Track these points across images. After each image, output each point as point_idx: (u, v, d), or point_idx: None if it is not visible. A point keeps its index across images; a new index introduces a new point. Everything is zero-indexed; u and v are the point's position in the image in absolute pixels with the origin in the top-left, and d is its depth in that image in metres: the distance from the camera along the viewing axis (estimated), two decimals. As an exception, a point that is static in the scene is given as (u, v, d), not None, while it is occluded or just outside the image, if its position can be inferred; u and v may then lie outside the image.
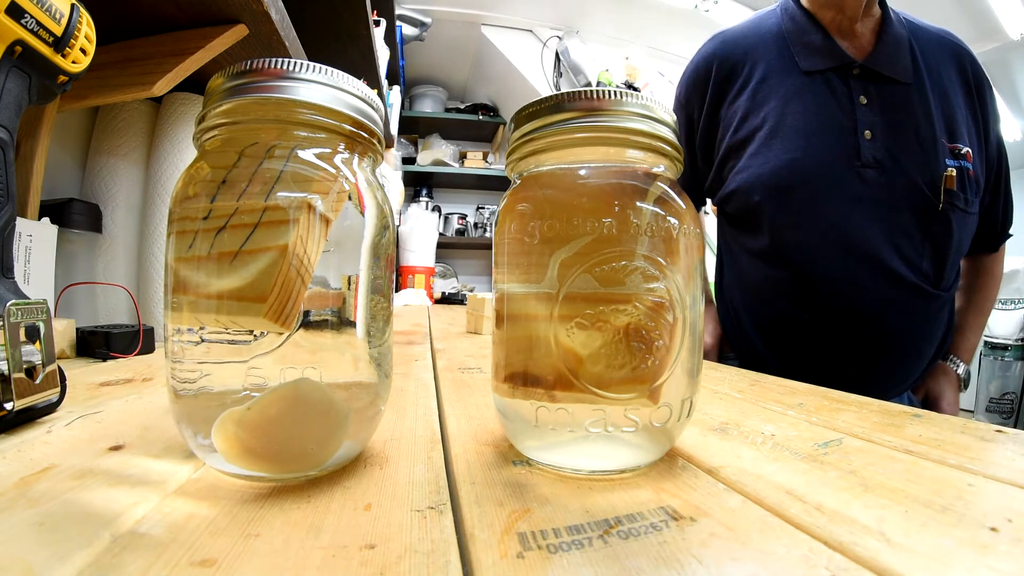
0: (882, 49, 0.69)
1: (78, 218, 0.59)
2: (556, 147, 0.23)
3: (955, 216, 0.66)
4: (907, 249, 0.66)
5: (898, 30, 0.70)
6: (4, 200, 0.27)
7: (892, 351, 0.69)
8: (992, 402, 2.55)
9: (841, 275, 0.67)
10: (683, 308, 0.22)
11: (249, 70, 0.20)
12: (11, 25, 0.26)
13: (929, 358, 0.75)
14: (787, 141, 0.69)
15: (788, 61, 0.72)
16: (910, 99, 0.68)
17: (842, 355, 0.68)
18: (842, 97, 0.68)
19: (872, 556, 0.15)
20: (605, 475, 0.21)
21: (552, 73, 2.42)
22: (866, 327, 0.67)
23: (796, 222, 0.68)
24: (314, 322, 0.21)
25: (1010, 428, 0.29)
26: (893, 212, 0.66)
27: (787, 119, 0.69)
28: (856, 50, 0.70)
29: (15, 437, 0.24)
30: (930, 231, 0.66)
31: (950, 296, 0.73)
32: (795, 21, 0.73)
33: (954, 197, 0.66)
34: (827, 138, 0.67)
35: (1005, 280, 2.95)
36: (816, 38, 0.71)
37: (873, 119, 0.67)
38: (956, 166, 0.66)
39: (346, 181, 0.21)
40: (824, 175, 0.67)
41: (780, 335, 0.73)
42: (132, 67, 0.54)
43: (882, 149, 0.66)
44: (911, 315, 0.67)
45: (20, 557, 0.14)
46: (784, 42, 0.73)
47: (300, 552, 0.15)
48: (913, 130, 0.67)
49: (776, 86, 0.72)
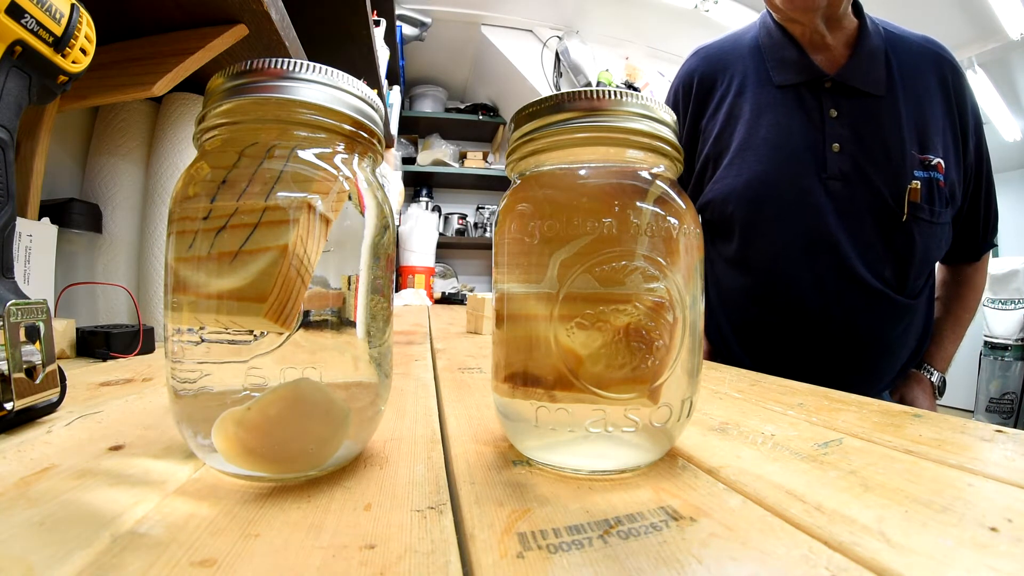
0: (855, 62, 0.70)
1: (78, 218, 0.59)
2: (556, 147, 0.23)
3: (919, 227, 0.68)
4: (871, 257, 0.68)
5: (873, 42, 0.71)
6: (4, 200, 0.27)
7: (860, 355, 0.71)
8: (992, 402, 2.55)
9: (806, 281, 0.69)
10: (683, 308, 0.22)
11: (249, 70, 0.20)
12: (11, 25, 0.26)
13: (902, 363, 0.77)
14: (758, 153, 0.71)
15: (764, 75, 0.74)
16: (881, 111, 0.69)
17: (810, 358, 0.71)
18: (812, 111, 0.70)
19: (872, 556, 0.15)
20: (605, 475, 0.21)
21: (552, 73, 2.42)
22: (831, 331, 0.69)
23: (765, 231, 0.71)
24: (314, 322, 0.20)
25: (1010, 428, 0.29)
26: (857, 222, 0.68)
27: (759, 132, 0.72)
28: (829, 63, 0.71)
29: (15, 437, 0.24)
30: (893, 241, 0.68)
31: (920, 303, 0.74)
32: (771, 36, 0.75)
33: (918, 209, 0.67)
34: (795, 151, 0.70)
35: (1005, 280, 2.95)
36: (790, 53, 0.72)
37: (842, 132, 0.69)
38: (925, 177, 0.68)
39: (346, 181, 0.21)
40: (791, 187, 0.69)
41: (752, 337, 0.75)
42: (132, 67, 0.54)
43: (849, 161, 0.68)
44: (877, 320, 0.70)
45: (20, 557, 0.14)
46: (761, 56, 0.75)
47: (300, 552, 0.15)
48: (881, 142, 0.68)
49: (751, 99, 0.74)
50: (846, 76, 0.69)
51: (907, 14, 1.94)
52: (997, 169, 0.81)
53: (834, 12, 0.68)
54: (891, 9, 1.88)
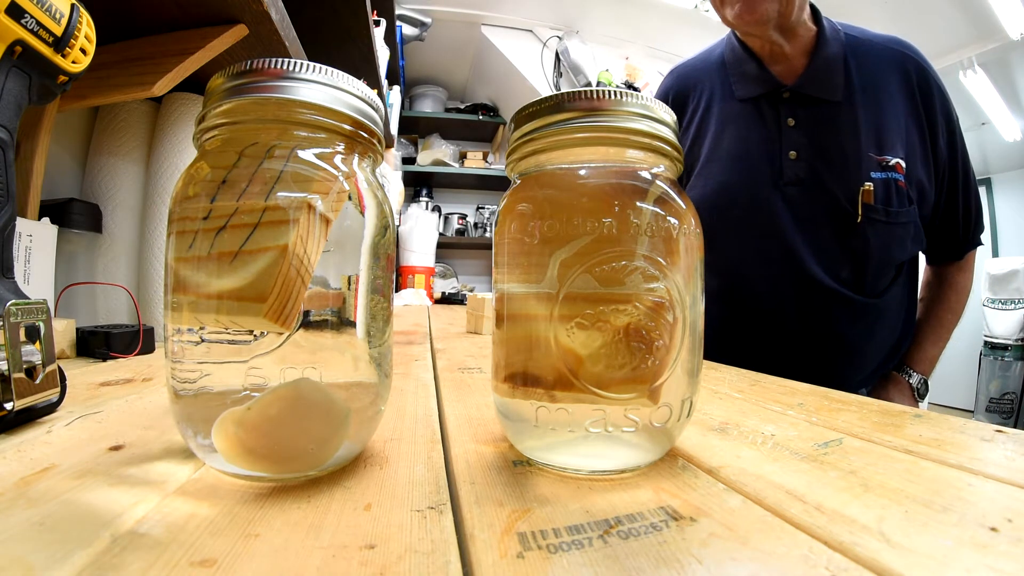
0: (811, 71, 0.72)
1: (78, 218, 0.59)
2: (556, 147, 0.23)
3: (874, 227, 0.69)
4: (827, 258, 0.71)
5: (831, 49, 0.72)
6: (4, 200, 0.27)
7: (822, 354, 0.73)
8: (992, 402, 2.55)
9: (762, 284, 0.73)
10: (683, 308, 0.22)
11: (249, 70, 0.20)
12: (11, 25, 0.26)
13: (876, 363, 0.77)
14: (721, 164, 0.76)
15: (728, 90, 0.78)
16: (838, 117, 0.71)
17: (776, 358, 0.72)
18: (770, 121, 0.74)
19: (872, 556, 0.15)
20: (605, 475, 0.21)
21: (552, 73, 2.41)
22: (789, 330, 0.73)
23: (726, 238, 0.73)
24: (314, 322, 0.20)
25: (1010, 428, 0.29)
26: (813, 225, 0.71)
27: (723, 144, 0.77)
28: (788, 73, 0.74)
29: (15, 437, 0.24)
30: (849, 242, 0.70)
31: (887, 303, 0.74)
32: (734, 51, 0.79)
33: (871, 210, 0.69)
34: (754, 161, 0.74)
35: (1005, 280, 2.94)
36: (750, 67, 0.76)
37: (799, 140, 0.72)
38: (882, 178, 0.69)
39: (346, 181, 0.21)
40: (751, 195, 0.73)
41: (723, 339, 0.77)
42: (132, 67, 0.54)
43: (805, 168, 0.71)
44: (835, 319, 0.72)
45: (20, 557, 0.14)
46: (726, 72, 0.79)
47: (300, 552, 0.15)
48: (837, 147, 0.70)
49: (717, 114, 0.79)
50: (803, 85, 0.72)
51: (907, 14, 1.94)
52: (997, 169, 0.81)
53: (786, 22, 0.70)
54: (892, 9, 1.89)
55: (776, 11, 0.68)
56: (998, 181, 3.01)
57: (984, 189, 3.04)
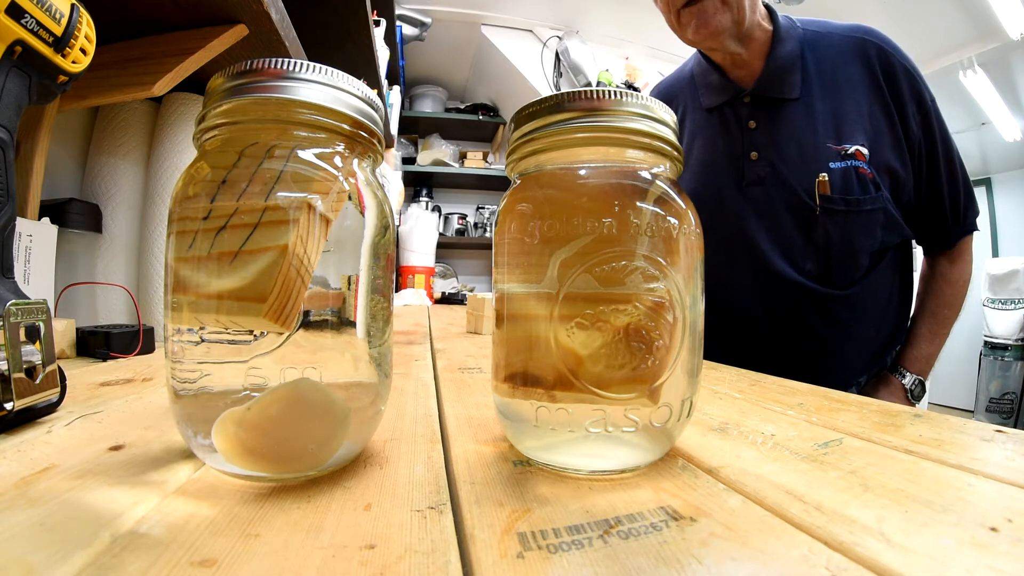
0: (767, 73, 0.73)
1: (78, 218, 0.59)
2: (556, 147, 0.23)
3: (834, 217, 0.70)
4: (791, 253, 0.72)
5: (785, 48, 0.73)
6: (4, 200, 0.27)
7: (800, 352, 0.74)
8: (992, 402, 2.55)
9: (731, 282, 0.75)
10: (683, 308, 0.22)
11: (249, 70, 0.20)
12: (11, 25, 0.26)
13: (863, 362, 0.76)
14: (692, 172, 0.79)
15: (697, 101, 0.82)
16: (796, 113, 0.72)
17: (751, 356, 0.73)
18: (733, 126, 0.76)
19: (872, 556, 0.15)
20: (605, 475, 0.21)
21: (552, 73, 2.41)
22: (759, 327, 0.75)
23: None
24: (314, 322, 0.20)
25: (1010, 428, 0.29)
26: (776, 221, 0.73)
27: (693, 153, 0.80)
28: (747, 78, 0.75)
29: (15, 437, 0.24)
30: (811, 235, 0.71)
31: (859, 294, 0.72)
32: (700, 65, 0.82)
33: (829, 200, 0.69)
34: (719, 166, 0.77)
35: (1005, 280, 2.94)
36: (713, 77, 0.78)
37: (760, 140, 0.74)
38: (840, 167, 0.69)
39: (346, 181, 0.21)
40: (717, 200, 0.76)
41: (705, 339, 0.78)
42: (132, 67, 0.54)
43: (766, 166, 0.73)
44: (808, 315, 0.73)
45: (20, 557, 0.14)
46: (695, 85, 0.83)
47: (300, 552, 0.15)
48: (795, 142, 0.72)
49: (688, 125, 0.83)
50: (761, 88, 0.73)
51: (907, 14, 1.94)
52: (997, 169, 0.81)
53: (741, 29, 0.71)
54: (892, 9, 1.89)
55: (730, 20, 0.69)
56: (998, 181, 3.00)
57: (984, 189, 3.04)
